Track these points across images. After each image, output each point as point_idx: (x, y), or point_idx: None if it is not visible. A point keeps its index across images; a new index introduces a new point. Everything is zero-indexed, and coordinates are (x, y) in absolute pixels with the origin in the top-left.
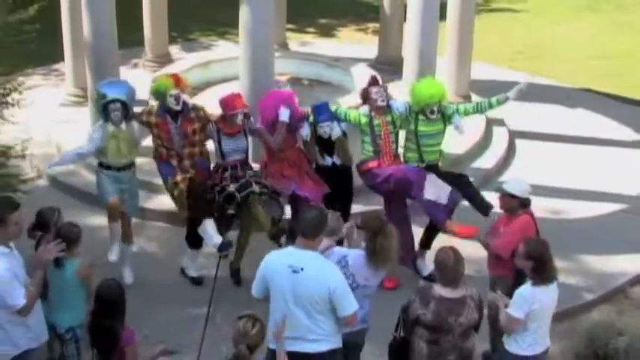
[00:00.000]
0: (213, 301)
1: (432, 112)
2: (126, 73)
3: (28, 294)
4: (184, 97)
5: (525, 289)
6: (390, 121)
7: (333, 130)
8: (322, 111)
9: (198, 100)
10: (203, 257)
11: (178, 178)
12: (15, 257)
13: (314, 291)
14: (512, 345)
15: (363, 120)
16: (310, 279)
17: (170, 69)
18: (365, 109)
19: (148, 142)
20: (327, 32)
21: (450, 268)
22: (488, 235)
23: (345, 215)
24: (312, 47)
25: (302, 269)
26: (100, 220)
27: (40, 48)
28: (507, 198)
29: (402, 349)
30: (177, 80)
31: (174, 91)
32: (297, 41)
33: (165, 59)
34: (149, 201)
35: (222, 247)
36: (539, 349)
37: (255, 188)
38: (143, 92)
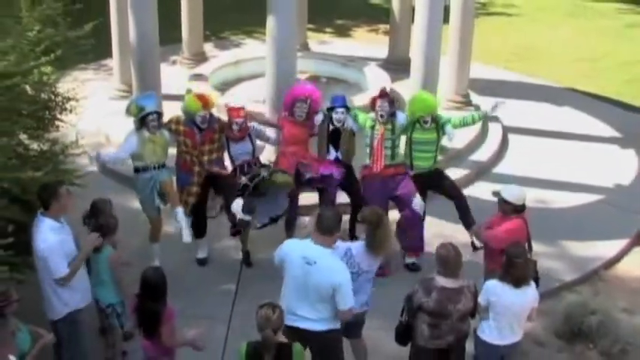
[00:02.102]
0: (241, 279)
1: (426, 122)
2: (165, 69)
3: (70, 267)
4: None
5: (490, 281)
6: (389, 129)
7: (346, 120)
8: (339, 100)
9: (229, 94)
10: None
11: (192, 190)
12: (66, 231)
13: (322, 283)
14: (479, 330)
15: (369, 123)
16: (321, 272)
17: (205, 67)
18: (372, 114)
19: None
20: (343, 32)
21: (451, 262)
22: (481, 227)
23: (356, 204)
24: (329, 46)
25: (315, 262)
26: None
27: (93, 46)
28: (502, 203)
29: (407, 332)
30: (205, 102)
31: (202, 113)
32: (316, 40)
33: (200, 57)
34: None
35: (201, 262)
36: (502, 342)
37: (265, 174)
38: (181, 88)
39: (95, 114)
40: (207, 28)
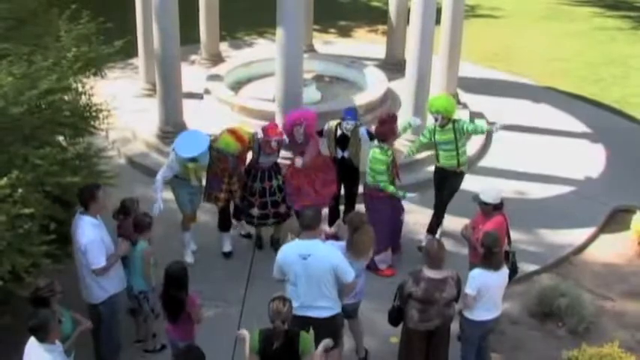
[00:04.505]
0: (253, 267)
1: (436, 120)
2: (185, 69)
3: (107, 260)
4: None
5: (474, 271)
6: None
7: (362, 135)
8: (350, 113)
9: (242, 93)
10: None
11: (220, 196)
12: (102, 227)
13: (321, 269)
14: (467, 312)
15: (389, 153)
16: (317, 261)
17: (220, 68)
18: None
19: None
20: (345, 33)
21: (436, 255)
22: (468, 229)
23: (351, 197)
24: (333, 46)
25: (309, 255)
26: (164, 195)
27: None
28: (482, 205)
29: (399, 315)
30: (240, 140)
31: (238, 151)
32: (321, 40)
33: (217, 58)
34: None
35: (227, 255)
36: (488, 317)
37: (270, 222)
38: (199, 87)
39: (122, 110)
40: (222, 28)
